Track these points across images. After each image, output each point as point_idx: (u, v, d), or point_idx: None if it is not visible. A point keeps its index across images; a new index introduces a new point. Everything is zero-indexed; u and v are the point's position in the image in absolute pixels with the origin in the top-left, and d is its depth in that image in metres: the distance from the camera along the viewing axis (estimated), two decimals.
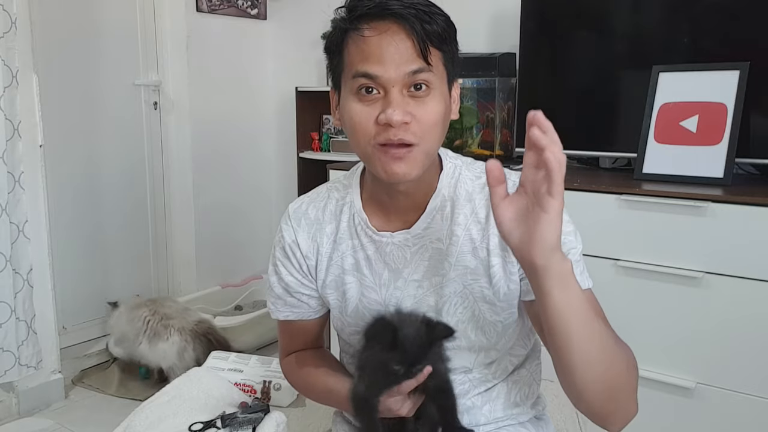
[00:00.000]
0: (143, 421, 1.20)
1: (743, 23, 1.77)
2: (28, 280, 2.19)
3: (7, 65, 2.05)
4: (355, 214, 0.98)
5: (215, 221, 3.07)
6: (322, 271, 1.01)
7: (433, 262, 0.94)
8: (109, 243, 2.77)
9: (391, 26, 0.83)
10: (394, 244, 0.95)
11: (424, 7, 0.84)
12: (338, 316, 1.03)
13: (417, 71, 0.83)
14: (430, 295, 0.95)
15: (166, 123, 2.89)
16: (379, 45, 0.83)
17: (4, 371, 2.15)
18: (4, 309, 2.12)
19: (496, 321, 0.94)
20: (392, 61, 0.83)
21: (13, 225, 2.13)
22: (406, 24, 0.83)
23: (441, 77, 0.87)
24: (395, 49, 0.83)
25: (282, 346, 1.15)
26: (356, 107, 0.86)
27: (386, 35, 0.83)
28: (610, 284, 1.70)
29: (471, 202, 0.94)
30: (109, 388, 2.44)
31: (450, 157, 0.99)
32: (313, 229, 1.01)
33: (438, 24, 0.84)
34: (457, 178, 0.96)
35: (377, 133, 0.85)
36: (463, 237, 0.93)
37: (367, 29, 0.84)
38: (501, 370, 1.00)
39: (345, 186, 1.02)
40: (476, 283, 0.93)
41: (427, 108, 0.85)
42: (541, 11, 2.10)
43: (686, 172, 1.70)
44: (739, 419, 1.58)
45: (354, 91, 0.86)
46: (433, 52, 0.84)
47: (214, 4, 2.93)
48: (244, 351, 2.55)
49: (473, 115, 2.20)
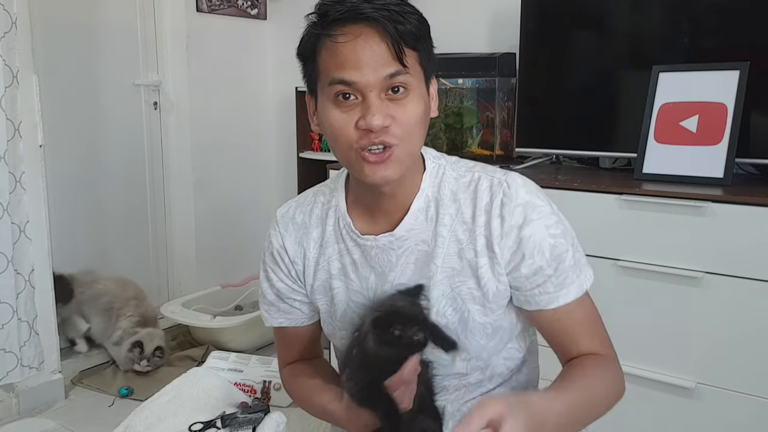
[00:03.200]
0: (143, 421, 1.20)
1: (743, 23, 1.77)
2: (29, 280, 2.18)
3: (7, 65, 2.04)
4: (340, 218, 0.97)
5: (215, 221, 3.07)
6: (310, 276, 1.00)
7: (419, 265, 0.93)
8: (108, 243, 2.77)
9: (364, 30, 0.82)
10: (379, 248, 0.94)
11: (395, 7, 0.82)
12: (328, 320, 1.02)
13: (394, 74, 0.82)
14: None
15: (166, 123, 2.89)
16: (354, 50, 0.82)
17: (6, 372, 2.14)
18: (6, 310, 2.11)
19: (486, 323, 0.93)
20: (368, 66, 0.82)
21: (15, 225, 2.12)
22: (379, 27, 0.81)
23: (418, 77, 0.86)
24: (370, 54, 0.81)
25: (279, 355, 1.14)
26: (335, 114, 0.85)
27: (360, 40, 0.82)
28: (610, 284, 1.70)
29: (456, 202, 0.92)
30: (109, 388, 2.44)
31: (433, 156, 0.97)
32: (300, 234, 1.00)
33: (411, 23, 0.83)
34: (441, 177, 0.94)
35: (358, 138, 0.84)
36: (449, 238, 0.91)
37: (341, 35, 0.82)
38: (497, 374, 0.99)
39: (331, 190, 1.01)
40: (464, 284, 0.92)
41: (407, 109, 0.84)
42: (541, 11, 2.10)
43: (686, 172, 1.70)
44: (739, 419, 1.58)
45: (331, 98, 0.85)
46: (409, 53, 0.83)
47: (214, 4, 2.93)
48: (244, 351, 2.56)
49: (473, 115, 2.20)
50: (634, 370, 1.66)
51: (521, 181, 0.92)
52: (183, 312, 2.71)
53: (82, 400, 2.38)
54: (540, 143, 2.14)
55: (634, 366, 1.66)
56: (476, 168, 0.95)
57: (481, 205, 0.91)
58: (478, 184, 0.92)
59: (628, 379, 0.97)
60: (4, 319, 2.11)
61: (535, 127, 2.13)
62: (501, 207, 0.89)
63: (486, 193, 0.91)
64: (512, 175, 0.93)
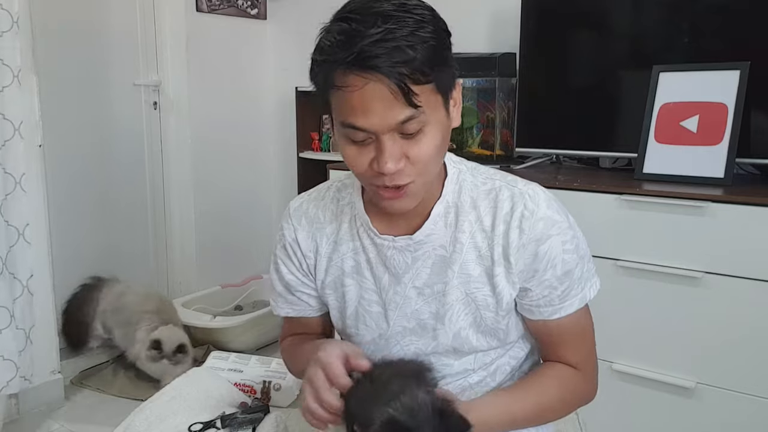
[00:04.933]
0: (143, 421, 1.20)
1: (743, 23, 1.77)
2: (27, 286, 2.11)
3: (6, 65, 2.02)
4: (357, 215, 0.97)
5: (215, 221, 3.07)
6: (321, 271, 1.01)
7: (435, 269, 0.93)
8: (108, 243, 2.77)
9: (372, 76, 0.76)
10: (396, 249, 0.94)
11: (405, 41, 0.76)
12: (338, 316, 1.03)
13: (405, 120, 0.79)
14: (432, 302, 0.94)
15: (166, 123, 2.88)
16: (362, 99, 0.78)
17: (6, 382, 2.05)
18: (4, 315, 2.02)
19: (498, 328, 0.95)
20: (377, 114, 0.78)
21: (12, 228, 2.06)
22: (387, 76, 0.76)
23: (434, 107, 0.82)
24: (380, 101, 0.77)
25: (284, 329, 1.15)
26: (349, 150, 0.84)
27: (368, 87, 0.77)
28: (610, 284, 1.69)
29: (476, 209, 0.93)
30: (109, 389, 2.44)
31: (453, 161, 0.96)
32: (313, 228, 1.01)
33: (424, 53, 0.77)
34: (461, 184, 0.94)
35: (372, 176, 0.83)
36: (467, 245, 0.92)
37: (349, 85, 0.78)
38: (500, 371, 0.99)
39: (347, 186, 1.01)
40: (479, 291, 0.92)
41: (422, 146, 0.82)
42: (541, 11, 2.10)
43: (686, 172, 1.70)
44: (739, 419, 1.58)
45: (345, 135, 0.83)
46: (422, 90, 0.78)
47: (214, 4, 2.93)
48: (244, 351, 2.56)
49: (473, 115, 2.20)
50: (633, 369, 1.66)
51: (543, 195, 0.91)
52: (183, 312, 2.70)
53: (82, 400, 2.37)
54: (540, 143, 2.14)
55: (633, 366, 1.66)
56: (497, 176, 0.95)
57: (500, 215, 0.91)
58: (499, 192, 0.92)
59: (628, 379, 0.97)
60: (2, 324, 2.02)
61: (535, 127, 2.13)
62: (521, 219, 0.89)
63: (507, 202, 0.91)
64: (533, 186, 0.93)
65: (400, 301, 0.95)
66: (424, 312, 0.95)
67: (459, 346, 0.95)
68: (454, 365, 0.96)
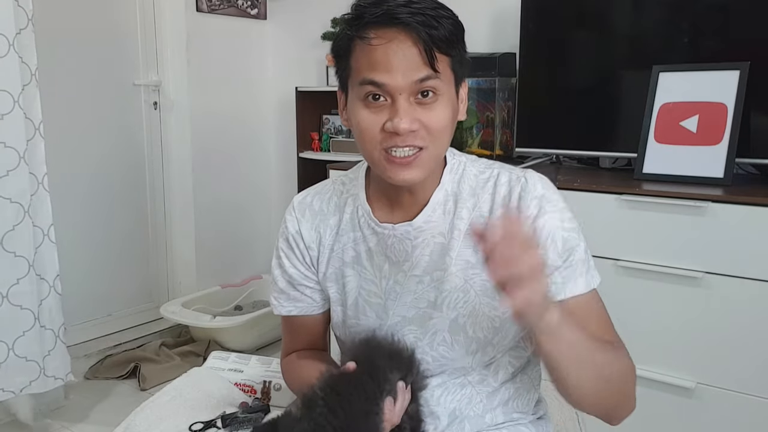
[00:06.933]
0: (143, 421, 1.19)
1: (743, 23, 1.77)
2: (54, 286, 2.09)
3: (25, 63, 1.98)
4: (359, 206, 0.99)
5: (215, 221, 3.07)
6: (324, 263, 1.02)
7: (434, 257, 0.94)
8: (108, 243, 2.77)
9: (398, 34, 0.83)
10: (396, 237, 0.95)
11: (431, 11, 0.83)
12: (338, 309, 1.03)
13: (424, 79, 0.84)
14: (430, 290, 0.95)
15: (166, 123, 2.89)
16: (386, 53, 0.83)
17: (30, 382, 2.03)
18: (28, 317, 2.01)
19: (494, 316, 0.94)
20: (399, 70, 0.83)
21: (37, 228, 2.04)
22: (413, 31, 0.83)
23: (448, 82, 0.87)
24: (402, 57, 0.83)
25: (284, 344, 1.15)
26: (363, 114, 0.87)
27: (393, 43, 0.83)
28: (610, 284, 1.68)
29: (474, 197, 0.95)
30: (109, 388, 2.44)
31: (455, 153, 1.00)
32: (316, 220, 1.02)
33: (445, 28, 0.84)
34: (461, 173, 0.97)
35: (384, 139, 0.86)
36: (465, 231, 0.93)
37: (374, 38, 0.84)
38: (501, 371, 0.99)
39: (351, 179, 1.03)
40: (478, 276, 0.93)
41: (435, 114, 0.86)
42: (541, 11, 2.10)
43: (686, 172, 1.70)
44: (739, 419, 1.58)
45: (361, 98, 0.87)
46: (441, 58, 0.84)
47: (214, 4, 2.93)
48: (244, 351, 2.56)
49: (473, 115, 2.20)
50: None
51: (538, 176, 0.95)
52: (183, 312, 2.71)
53: (82, 400, 2.37)
54: (540, 143, 2.14)
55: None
56: (495, 165, 0.98)
57: (498, 199, 0.93)
58: (498, 179, 0.95)
59: None
60: (26, 326, 2.00)
61: (535, 127, 2.13)
62: (519, 200, 0.92)
63: (505, 186, 0.94)
64: (530, 171, 0.96)
65: (399, 290, 0.96)
66: (422, 300, 0.95)
67: (455, 335, 0.94)
68: (454, 360, 0.96)
